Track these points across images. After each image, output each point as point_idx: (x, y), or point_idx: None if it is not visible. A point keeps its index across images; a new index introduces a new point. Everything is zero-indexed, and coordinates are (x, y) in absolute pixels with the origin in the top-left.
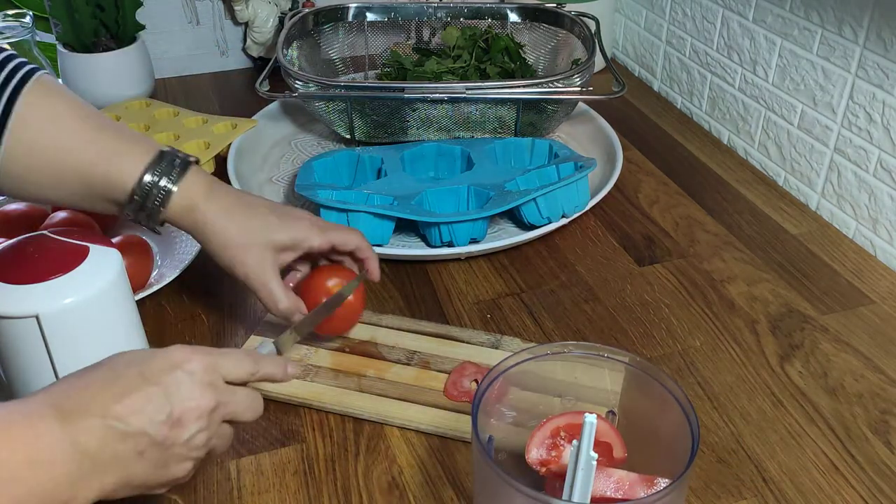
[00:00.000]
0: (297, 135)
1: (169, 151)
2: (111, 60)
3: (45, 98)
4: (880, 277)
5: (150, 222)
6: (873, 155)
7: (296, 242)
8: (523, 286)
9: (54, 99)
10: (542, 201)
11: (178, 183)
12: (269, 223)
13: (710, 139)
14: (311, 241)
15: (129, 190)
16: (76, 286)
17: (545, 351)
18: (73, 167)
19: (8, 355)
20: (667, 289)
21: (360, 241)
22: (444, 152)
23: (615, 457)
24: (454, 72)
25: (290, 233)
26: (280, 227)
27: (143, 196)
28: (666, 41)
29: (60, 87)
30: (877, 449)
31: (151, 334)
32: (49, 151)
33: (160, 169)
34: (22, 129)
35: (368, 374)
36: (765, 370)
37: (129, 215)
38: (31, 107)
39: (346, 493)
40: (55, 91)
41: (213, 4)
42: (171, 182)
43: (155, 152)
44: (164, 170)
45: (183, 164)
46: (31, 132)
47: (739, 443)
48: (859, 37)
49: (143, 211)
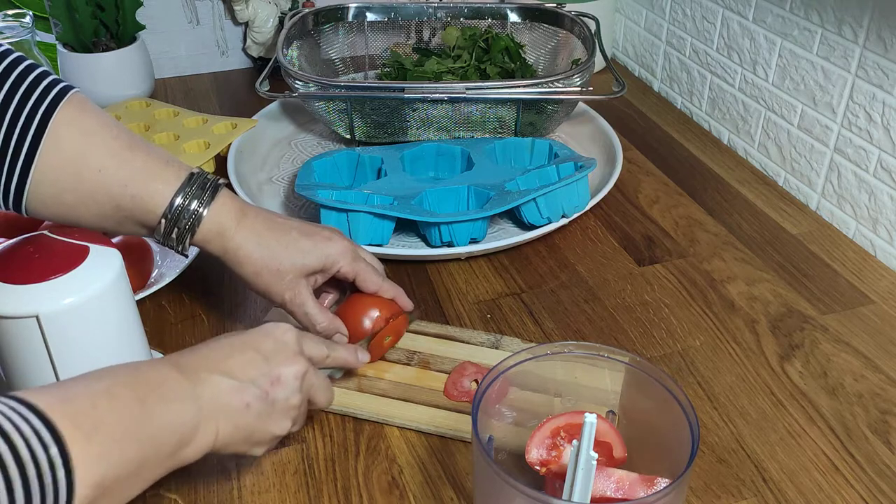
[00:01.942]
0: (297, 135)
1: (198, 173)
2: (111, 60)
3: (80, 115)
4: (880, 277)
5: (179, 246)
6: (873, 155)
7: (326, 266)
8: (523, 286)
9: (88, 116)
10: (542, 201)
11: (208, 206)
12: (300, 248)
13: (710, 139)
14: (339, 266)
15: (159, 213)
16: (76, 286)
17: (545, 351)
18: (105, 187)
19: (8, 355)
20: (667, 289)
21: (381, 285)
22: (444, 152)
23: (615, 457)
24: (454, 72)
25: (321, 257)
26: (311, 251)
27: (174, 219)
28: (666, 41)
29: (93, 105)
30: (877, 449)
31: (151, 334)
32: (81, 169)
33: (191, 192)
34: (55, 145)
35: (368, 374)
36: (765, 370)
37: (159, 238)
38: (66, 124)
39: (346, 493)
40: (89, 108)
41: (213, 4)
42: (202, 205)
43: (185, 174)
44: (194, 193)
45: (213, 188)
46: (65, 149)
47: (739, 443)
48: (859, 37)
49: (173, 234)
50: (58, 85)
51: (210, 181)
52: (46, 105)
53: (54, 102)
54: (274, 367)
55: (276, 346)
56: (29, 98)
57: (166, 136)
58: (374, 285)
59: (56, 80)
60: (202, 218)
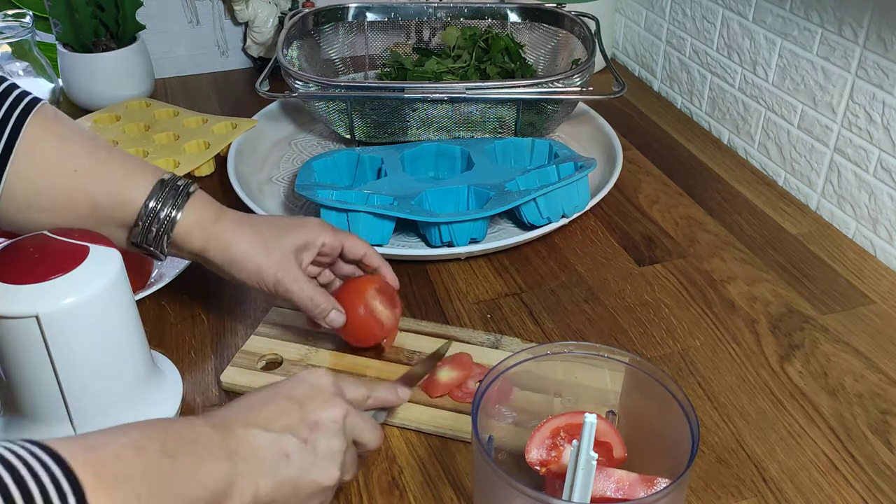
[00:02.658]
0: (297, 135)
1: (171, 178)
2: (111, 60)
3: (54, 122)
4: (880, 277)
5: (158, 245)
6: (873, 155)
7: (309, 241)
8: (523, 286)
9: (61, 123)
10: (542, 201)
11: (191, 196)
12: (280, 229)
13: (710, 139)
14: (323, 238)
15: (138, 206)
16: (76, 286)
17: (545, 351)
18: (81, 186)
19: (8, 355)
20: (667, 289)
21: (369, 249)
22: (444, 152)
23: (615, 457)
24: (454, 72)
25: (302, 233)
26: (292, 229)
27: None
28: (666, 41)
29: (64, 115)
30: (877, 449)
31: (151, 334)
32: (57, 171)
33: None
34: (29, 150)
35: (368, 374)
36: (765, 370)
37: (136, 238)
38: (40, 129)
39: (346, 493)
40: (61, 117)
41: (213, 4)
42: (181, 199)
43: (162, 174)
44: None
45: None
46: (39, 153)
47: (739, 443)
48: (859, 37)
49: (153, 229)
50: (28, 96)
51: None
52: (18, 113)
53: (26, 111)
54: (310, 412)
55: (312, 391)
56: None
57: (166, 136)
58: (362, 248)
59: (26, 92)
60: (183, 209)
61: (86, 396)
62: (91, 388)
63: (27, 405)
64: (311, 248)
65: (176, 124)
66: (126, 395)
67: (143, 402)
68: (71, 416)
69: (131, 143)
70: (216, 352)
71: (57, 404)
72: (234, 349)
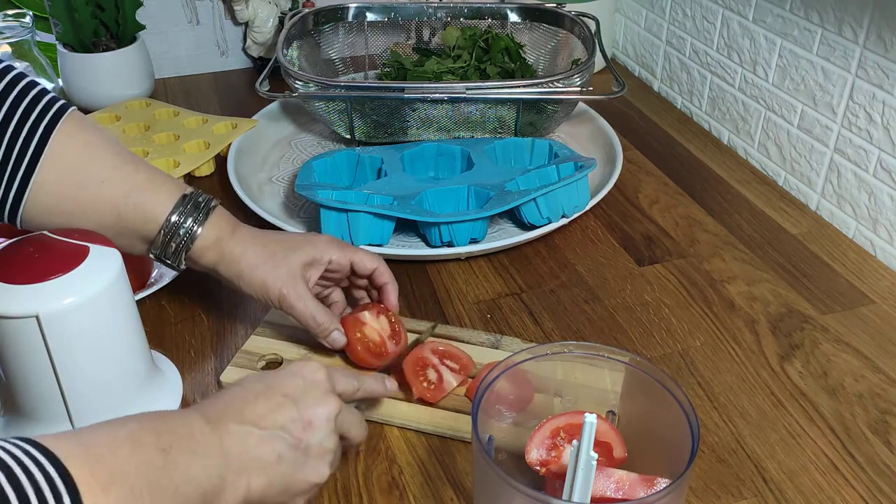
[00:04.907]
0: (297, 135)
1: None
2: (111, 60)
3: (81, 129)
4: (880, 277)
5: (176, 259)
6: (873, 155)
7: (316, 257)
8: (523, 286)
9: (90, 131)
10: (542, 201)
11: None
12: (288, 245)
13: (710, 139)
14: (330, 255)
15: (161, 221)
16: (76, 286)
17: (545, 351)
18: (108, 197)
19: (8, 355)
20: (667, 289)
21: (380, 265)
22: (444, 152)
23: (615, 457)
24: (454, 72)
25: (309, 250)
26: (300, 246)
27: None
28: (666, 41)
29: (93, 122)
30: (877, 449)
31: (151, 334)
32: (84, 180)
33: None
34: (58, 156)
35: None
36: (765, 370)
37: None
38: (69, 135)
39: (346, 493)
40: (89, 125)
41: (213, 4)
42: (203, 215)
43: (186, 189)
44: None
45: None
46: (67, 160)
47: (739, 443)
48: (859, 37)
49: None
50: (58, 101)
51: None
52: (49, 119)
53: (56, 117)
54: (304, 410)
55: (306, 387)
56: (31, 112)
57: (166, 136)
58: (371, 264)
59: (56, 98)
60: (204, 225)
61: (86, 396)
62: (91, 388)
63: (27, 405)
64: (318, 265)
65: (176, 124)
66: (126, 394)
67: (142, 401)
68: (71, 416)
69: (131, 143)
70: (216, 352)
71: (57, 404)
72: (234, 349)
